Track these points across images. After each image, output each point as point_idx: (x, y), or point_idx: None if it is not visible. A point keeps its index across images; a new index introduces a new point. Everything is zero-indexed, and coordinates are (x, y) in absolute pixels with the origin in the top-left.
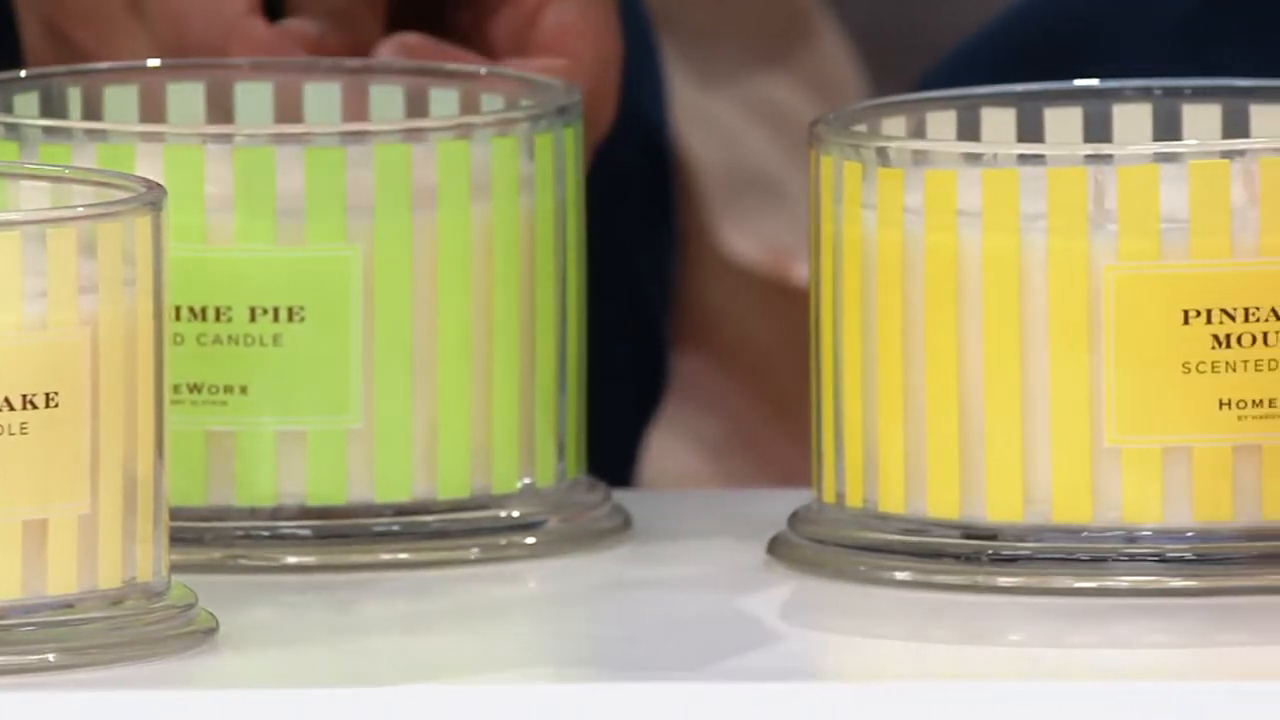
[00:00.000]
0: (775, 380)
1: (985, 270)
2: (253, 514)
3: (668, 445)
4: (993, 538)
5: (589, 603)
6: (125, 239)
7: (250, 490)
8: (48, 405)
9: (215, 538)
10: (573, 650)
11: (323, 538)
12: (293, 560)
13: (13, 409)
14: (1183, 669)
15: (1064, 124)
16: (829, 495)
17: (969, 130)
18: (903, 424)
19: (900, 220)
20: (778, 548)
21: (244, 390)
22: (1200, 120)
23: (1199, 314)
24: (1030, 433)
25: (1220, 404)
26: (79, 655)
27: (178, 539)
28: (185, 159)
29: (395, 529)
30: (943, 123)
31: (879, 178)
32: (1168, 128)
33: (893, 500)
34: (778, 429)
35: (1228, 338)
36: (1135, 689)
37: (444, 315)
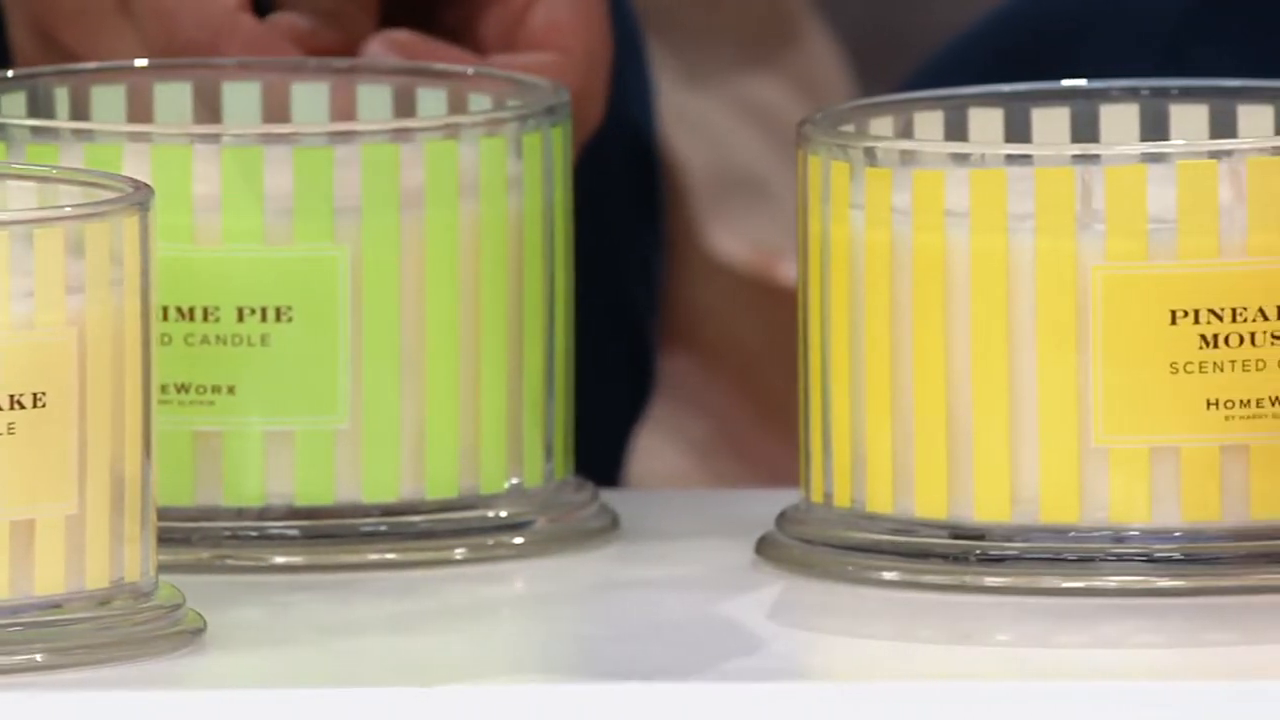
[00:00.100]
0: (763, 380)
1: (973, 270)
2: (240, 514)
3: (655, 445)
4: (980, 538)
5: (577, 603)
6: (113, 239)
7: (238, 490)
8: (35, 405)
9: (203, 538)
10: (560, 650)
11: (310, 538)
12: (280, 560)
13: (0, 409)
14: (1171, 669)
15: (1051, 124)
16: (817, 495)
17: (956, 130)
18: (890, 424)
19: (888, 220)
20: (765, 548)
21: (231, 390)
22: (1187, 120)
23: (1186, 314)
24: (1018, 433)
25: (1208, 404)
26: (66, 656)
27: (165, 539)
28: (173, 159)
29: (383, 529)
30: (930, 123)
31: (866, 178)
32: (1155, 128)
33: (880, 500)
34: (765, 429)
35: (1215, 338)
36: (1123, 689)
37: (432, 315)
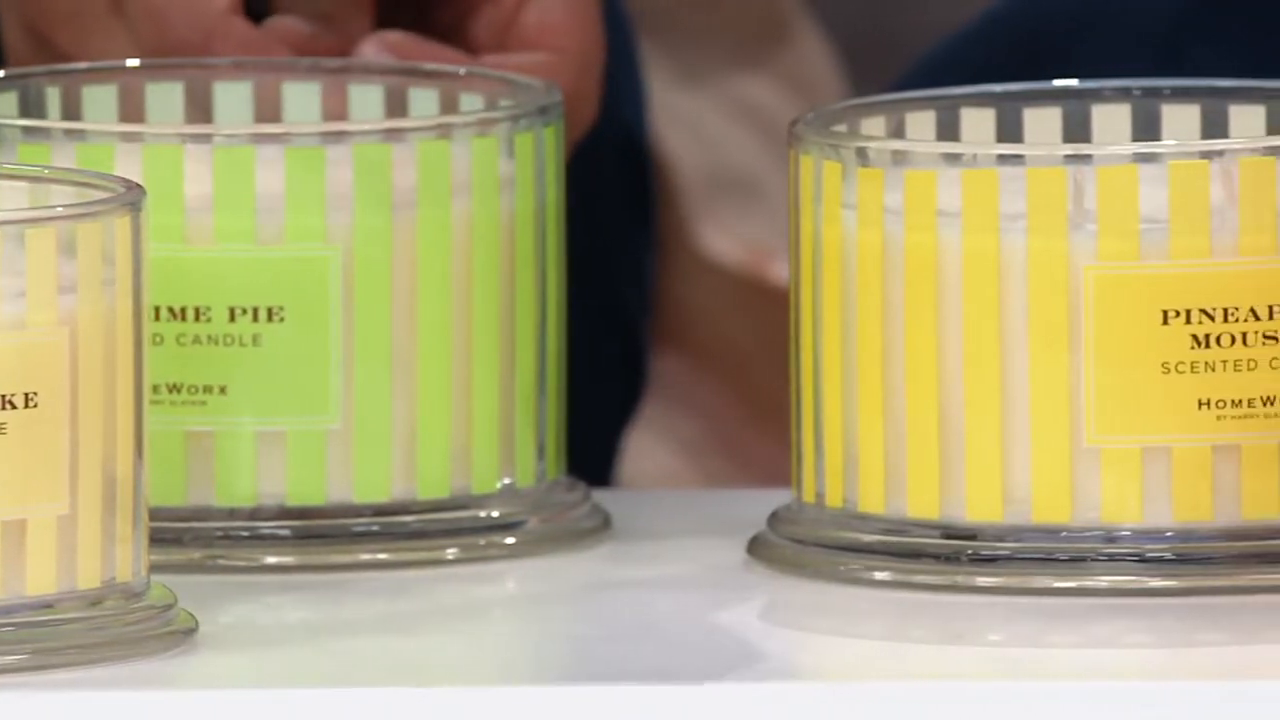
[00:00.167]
0: (755, 380)
1: (965, 270)
2: (232, 514)
3: (647, 445)
4: (972, 538)
5: (568, 603)
6: (104, 239)
7: (229, 490)
8: (27, 405)
9: (194, 538)
10: (552, 650)
11: (302, 538)
12: (272, 560)
13: None
14: (1162, 669)
15: (1043, 124)
16: (808, 495)
17: (948, 130)
18: (882, 424)
19: (880, 220)
20: (757, 548)
21: (223, 390)
22: (1179, 120)
23: (1178, 314)
24: (1010, 433)
25: (1199, 404)
26: (58, 656)
27: (157, 539)
28: (164, 159)
29: (375, 529)
30: (922, 123)
31: (858, 178)
32: (1147, 128)
33: (872, 500)
34: (757, 429)
35: (1207, 338)
36: (1115, 689)
37: (423, 315)
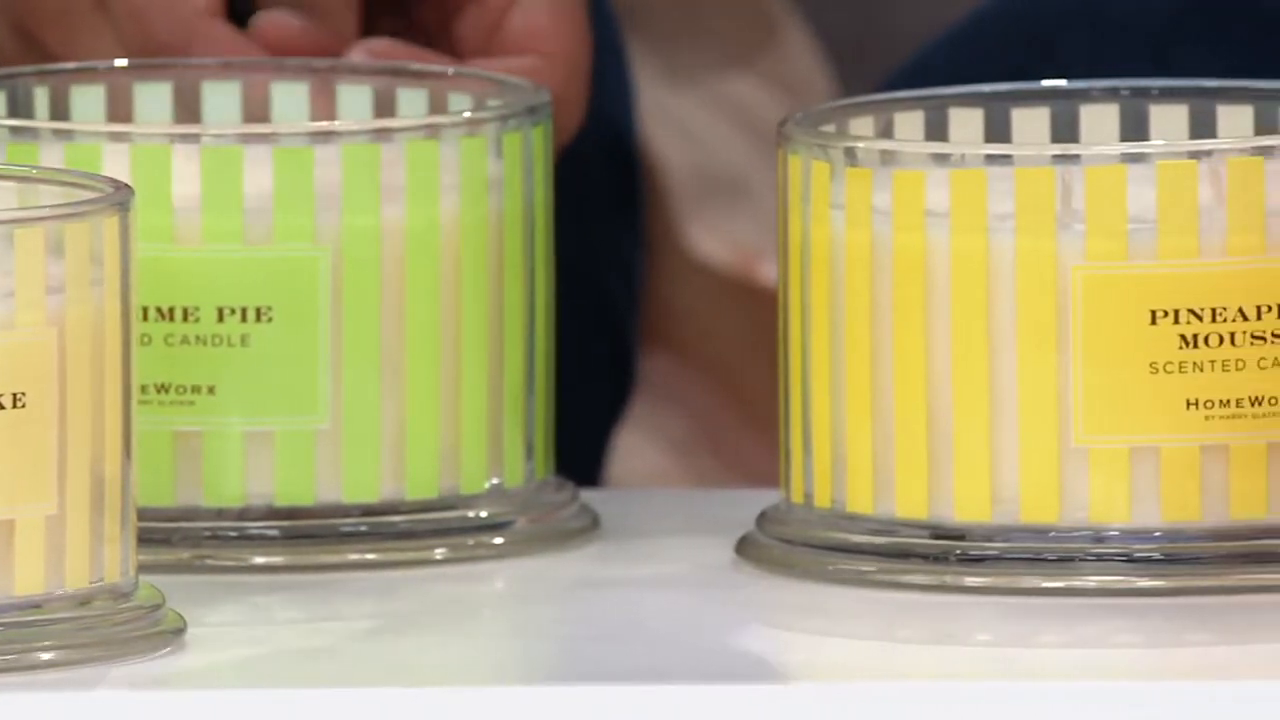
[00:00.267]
0: (743, 380)
1: (953, 270)
2: (220, 514)
3: (636, 445)
4: (960, 538)
5: (557, 603)
6: (93, 239)
7: (218, 491)
8: (15, 405)
9: (183, 538)
10: (541, 650)
11: (290, 538)
12: (260, 560)
13: None
14: (1150, 669)
15: (1031, 124)
16: (797, 495)
17: (937, 130)
18: (871, 424)
19: (868, 220)
20: (746, 548)
21: (211, 390)
22: (1167, 121)
23: (1166, 314)
24: (998, 433)
25: (1188, 404)
26: (46, 656)
27: (145, 539)
28: (152, 159)
29: (363, 529)
30: (910, 123)
31: (847, 178)
32: (1135, 128)
33: (861, 500)
34: (746, 429)
35: (1195, 338)
36: (1103, 688)
37: (412, 316)
